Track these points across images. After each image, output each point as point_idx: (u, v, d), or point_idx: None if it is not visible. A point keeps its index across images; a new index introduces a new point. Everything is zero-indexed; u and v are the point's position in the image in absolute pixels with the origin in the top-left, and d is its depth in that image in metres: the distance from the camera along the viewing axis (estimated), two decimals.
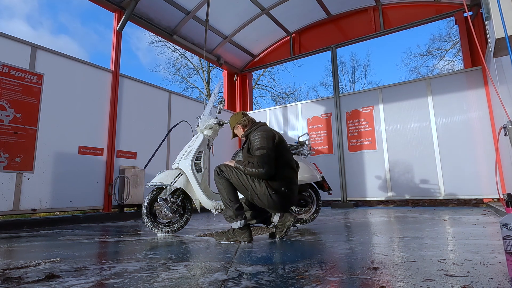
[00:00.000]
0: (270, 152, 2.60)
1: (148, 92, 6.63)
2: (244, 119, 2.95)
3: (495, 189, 5.77)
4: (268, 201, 2.62)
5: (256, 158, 2.58)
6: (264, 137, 2.64)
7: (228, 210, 2.64)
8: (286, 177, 2.67)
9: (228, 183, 2.67)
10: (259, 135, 2.66)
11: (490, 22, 2.59)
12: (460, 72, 6.50)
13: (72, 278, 1.55)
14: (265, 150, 2.58)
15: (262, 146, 2.60)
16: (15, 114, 4.43)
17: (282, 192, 2.62)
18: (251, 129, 2.86)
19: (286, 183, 2.65)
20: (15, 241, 3.04)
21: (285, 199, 2.66)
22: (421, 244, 2.23)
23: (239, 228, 2.60)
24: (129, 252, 2.29)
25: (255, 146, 2.63)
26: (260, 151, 2.58)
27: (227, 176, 2.67)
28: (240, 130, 2.97)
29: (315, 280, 1.41)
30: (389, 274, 1.46)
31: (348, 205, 7.11)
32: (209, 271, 1.63)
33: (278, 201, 2.62)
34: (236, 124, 2.98)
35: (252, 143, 2.67)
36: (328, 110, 8.03)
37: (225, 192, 2.65)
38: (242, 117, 2.96)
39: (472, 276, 1.40)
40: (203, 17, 7.14)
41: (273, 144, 2.65)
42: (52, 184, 4.81)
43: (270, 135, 2.69)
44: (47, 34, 36.04)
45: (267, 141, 2.62)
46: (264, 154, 2.57)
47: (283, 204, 2.66)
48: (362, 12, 7.85)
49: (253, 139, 2.68)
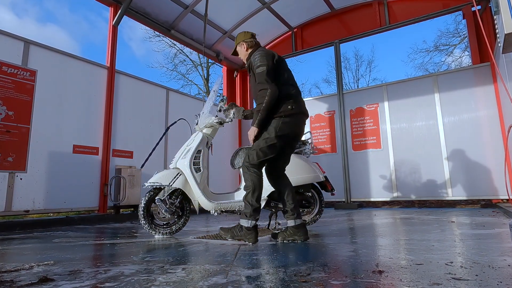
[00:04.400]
0: (270, 69, 2.73)
1: (145, 89, 6.63)
2: (251, 40, 3.02)
3: (504, 189, 5.77)
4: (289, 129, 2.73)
5: (257, 78, 2.73)
6: (264, 55, 2.77)
7: (246, 207, 2.72)
8: (290, 95, 2.77)
9: (257, 182, 2.72)
10: (259, 54, 2.79)
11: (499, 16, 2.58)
12: (468, 69, 6.49)
13: (66, 282, 1.56)
14: (265, 67, 2.71)
15: (262, 63, 2.73)
16: (7, 112, 4.43)
17: (290, 111, 2.71)
18: (253, 51, 2.94)
19: (292, 101, 2.75)
20: (7, 243, 3.04)
21: (298, 119, 2.78)
22: (428, 247, 2.23)
23: (247, 227, 2.66)
24: (125, 254, 2.29)
25: (255, 65, 2.76)
26: (261, 68, 2.72)
27: (256, 162, 2.72)
28: (244, 48, 3.03)
29: (318, 283, 1.41)
30: (395, 278, 1.46)
31: (352, 206, 7.10)
32: (208, 274, 1.63)
33: (294, 123, 2.75)
34: (242, 41, 3.04)
35: (253, 64, 2.80)
36: (331, 107, 8.02)
37: (251, 190, 2.71)
38: (250, 37, 3.03)
39: (480, 279, 1.39)
40: (202, 11, 7.12)
41: (272, 62, 2.77)
42: (46, 184, 4.81)
43: (269, 53, 2.82)
44: (33, 22, 35.06)
45: (267, 59, 2.75)
46: (264, 71, 2.70)
47: (299, 124, 2.81)
48: (366, 6, 7.83)
49: (253, 60, 2.81)
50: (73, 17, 37.80)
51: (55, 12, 36.03)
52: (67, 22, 36.93)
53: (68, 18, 37.18)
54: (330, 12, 8.23)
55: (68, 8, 37.04)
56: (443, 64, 20.07)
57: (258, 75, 2.72)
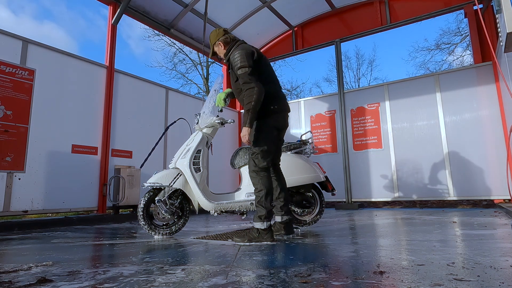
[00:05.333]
0: (252, 68, 2.74)
1: (145, 88, 6.63)
2: (225, 36, 2.97)
3: (506, 189, 5.77)
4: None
5: (240, 79, 2.74)
6: (243, 55, 2.75)
7: (260, 211, 2.77)
8: (271, 94, 2.83)
9: (268, 185, 2.82)
10: (238, 54, 2.77)
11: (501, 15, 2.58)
12: (469, 68, 6.48)
13: (65, 283, 1.56)
14: (246, 68, 2.72)
15: (243, 64, 2.73)
16: (6, 111, 4.43)
17: (272, 111, 2.81)
18: (232, 48, 2.92)
19: (274, 101, 2.83)
20: (5, 243, 3.04)
21: (280, 116, 2.88)
22: (429, 247, 2.23)
23: (264, 229, 2.74)
24: (125, 255, 2.29)
25: (236, 66, 2.76)
26: (242, 69, 2.73)
27: (261, 161, 2.79)
28: (221, 47, 3.00)
29: (319, 284, 1.41)
30: (396, 279, 1.46)
31: (353, 206, 7.10)
32: (208, 275, 1.63)
33: (277, 119, 2.86)
34: (216, 41, 2.99)
35: (233, 63, 2.81)
36: (332, 107, 8.02)
37: (264, 194, 2.79)
38: (223, 34, 2.98)
39: (482, 280, 1.39)
40: (202, 10, 7.12)
41: (253, 60, 2.78)
42: (44, 185, 4.81)
43: (249, 51, 2.81)
44: (30, 19, 34.67)
45: (247, 58, 2.75)
46: (247, 72, 2.71)
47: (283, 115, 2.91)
48: (367, 5, 7.83)
49: (233, 59, 2.80)
50: (71, 15, 37.47)
51: (52, 9, 35.68)
52: (64, 19, 36.62)
53: (65, 15, 36.86)
54: (331, 10, 8.23)
55: (66, 5, 36.74)
56: (445, 63, 20.09)
57: (240, 76, 2.75)
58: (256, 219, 2.79)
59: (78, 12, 37.43)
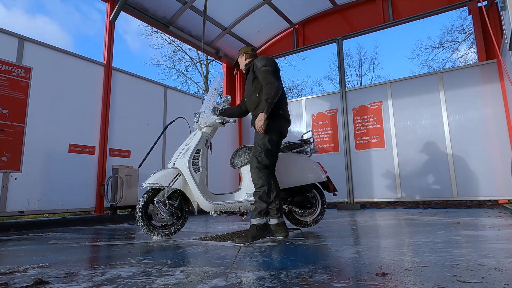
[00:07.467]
0: (275, 70, 3.07)
1: (143, 86, 6.63)
2: (252, 52, 3.42)
3: (511, 190, 5.77)
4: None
5: (262, 74, 3.00)
6: (270, 59, 3.14)
7: (261, 205, 2.89)
8: (282, 100, 3.14)
9: (271, 181, 2.94)
10: (265, 58, 3.14)
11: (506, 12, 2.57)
12: (474, 66, 6.48)
13: (62, 284, 1.56)
14: (270, 67, 3.03)
15: (267, 64, 3.05)
16: (1, 110, 4.43)
17: (280, 115, 3.06)
18: (254, 59, 3.30)
19: (283, 107, 3.13)
20: (1, 245, 3.04)
21: (284, 123, 3.13)
22: (433, 248, 2.23)
23: (263, 223, 2.87)
24: (123, 256, 2.29)
25: (261, 64, 3.06)
26: (266, 67, 3.03)
27: (267, 160, 2.95)
28: (243, 59, 3.41)
29: (320, 286, 1.41)
30: (399, 280, 1.46)
31: (355, 206, 7.10)
32: (208, 277, 1.63)
33: (280, 125, 3.09)
34: (243, 53, 3.42)
35: (257, 65, 3.09)
36: (334, 106, 8.02)
37: (266, 190, 2.90)
38: (251, 50, 3.43)
39: (486, 282, 1.39)
40: (201, 7, 7.11)
41: (276, 67, 3.12)
42: (41, 185, 4.82)
43: (273, 60, 3.18)
44: (23, 13, 34.03)
45: (272, 63, 3.10)
46: (270, 70, 3.02)
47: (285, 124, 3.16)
48: (370, 2, 7.81)
49: (258, 61, 3.11)
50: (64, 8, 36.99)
51: (45, 3, 35.15)
52: (58, 13, 36.04)
53: (59, 8, 36.32)
54: (333, 7, 8.22)
55: None
56: (448, 61, 20.08)
57: (263, 72, 3.00)
58: (255, 215, 2.88)
59: (72, 6, 37.00)
